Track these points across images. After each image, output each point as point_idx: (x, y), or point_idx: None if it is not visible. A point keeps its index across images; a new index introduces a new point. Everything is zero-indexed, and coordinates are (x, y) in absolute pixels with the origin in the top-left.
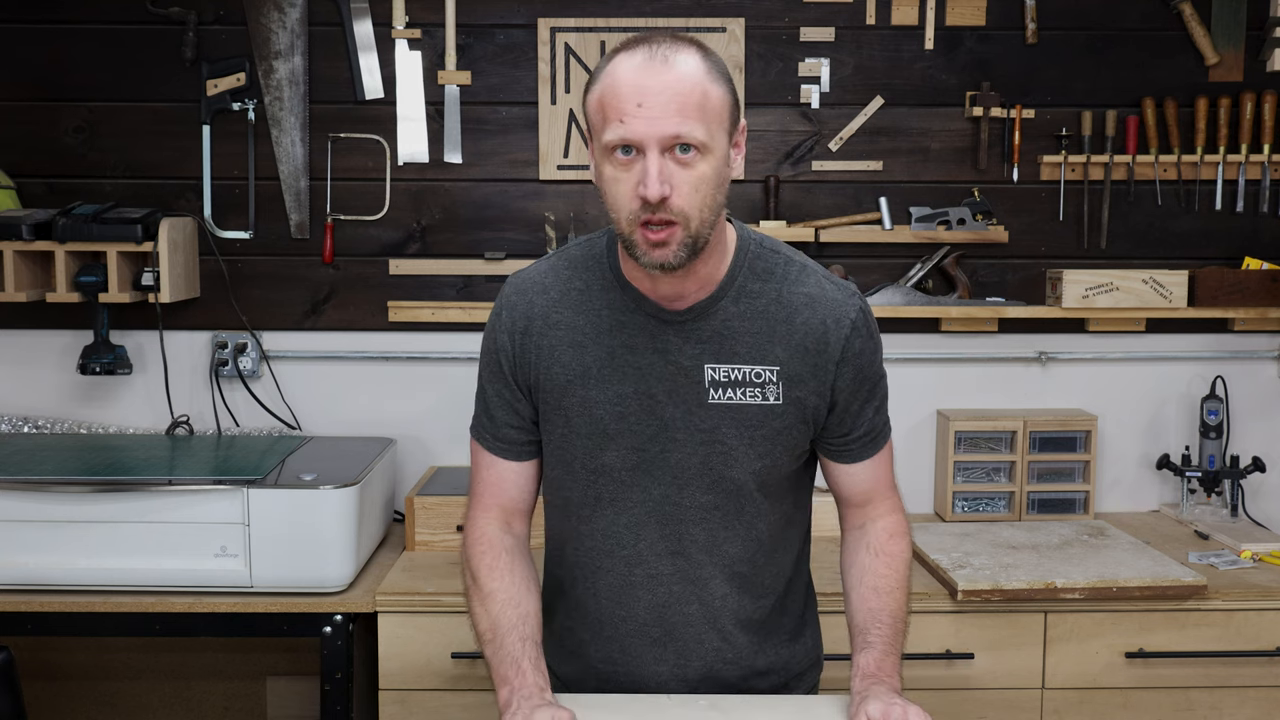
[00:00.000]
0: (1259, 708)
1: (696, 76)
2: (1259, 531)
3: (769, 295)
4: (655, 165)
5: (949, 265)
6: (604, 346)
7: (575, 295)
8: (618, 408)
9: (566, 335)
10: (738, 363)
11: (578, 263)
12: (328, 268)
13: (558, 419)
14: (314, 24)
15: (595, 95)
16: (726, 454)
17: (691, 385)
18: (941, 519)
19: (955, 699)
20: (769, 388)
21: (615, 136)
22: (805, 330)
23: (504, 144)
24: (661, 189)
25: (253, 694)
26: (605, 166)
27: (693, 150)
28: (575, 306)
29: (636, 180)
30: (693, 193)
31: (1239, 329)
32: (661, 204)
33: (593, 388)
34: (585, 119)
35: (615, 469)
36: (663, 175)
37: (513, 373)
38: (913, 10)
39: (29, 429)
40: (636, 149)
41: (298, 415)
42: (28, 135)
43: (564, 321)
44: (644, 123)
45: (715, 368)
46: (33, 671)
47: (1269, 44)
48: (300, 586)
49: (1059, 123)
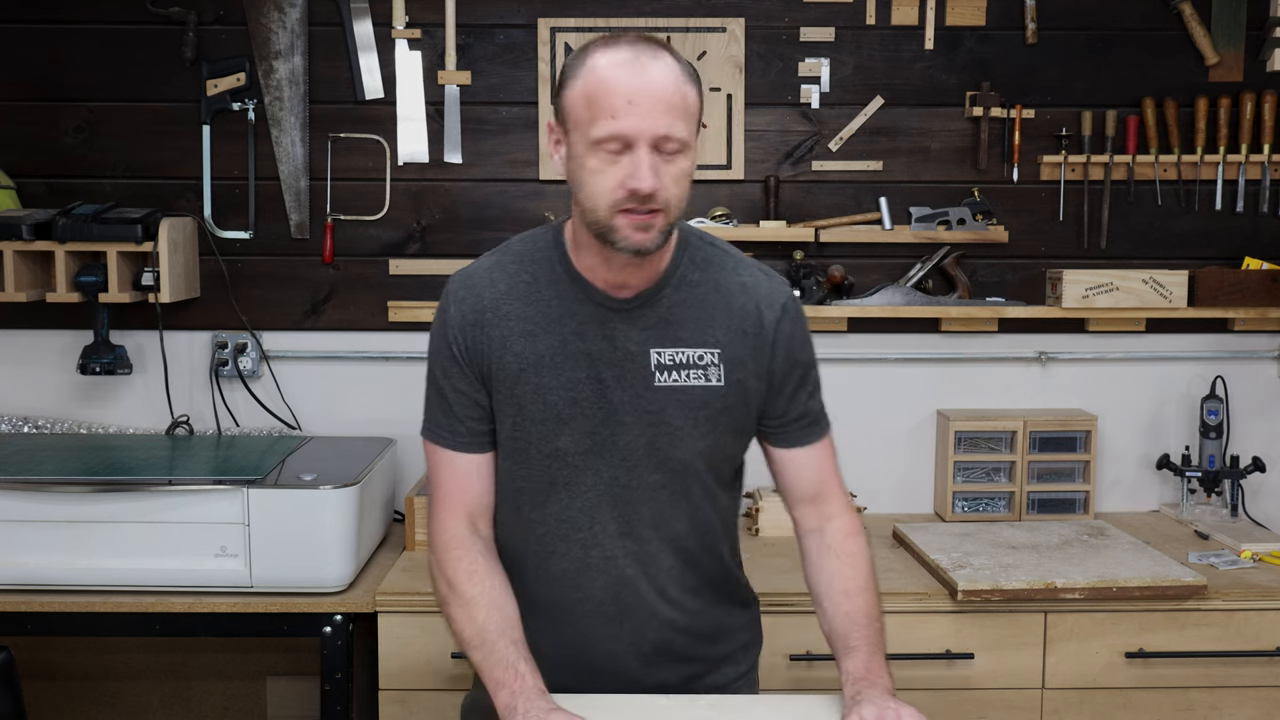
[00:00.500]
0: (1259, 708)
1: (678, 79)
2: (1259, 531)
3: (708, 284)
4: (647, 160)
5: (949, 265)
6: (555, 335)
7: (523, 287)
8: (570, 393)
9: (518, 325)
10: (681, 346)
11: (524, 257)
12: (328, 268)
13: (510, 408)
14: (314, 24)
15: (578, 90)
16: (672, 434)
17: (638, 369)
18: (941, 519)
19: (955, 699)
20: (711, 369)
21: (607, 132)
22: (742, 314)
23: (504, 144)
24: (654, 182)
25: (253, 694)
26: (589, 159)
27: (676, 147)
28: (524, 298)
29: (624, 173)
30: (674, 185)
31: (1239, 329)
32: (650, 196)
33: (546, 374)
34: (561, 108)
35: (569, 453)
36: (653, 170)
37: (468, 364)
38: (913, 10)
39: (29, 429)
40: (625, 144)
41: (298, 415)
42: (28, 135)
43: (514, 312)
44: (636, 120)
45: (661, 351)
46: (33, 671)
47: (1269, 44)
48: (300, 586)
49: (1059, 123)
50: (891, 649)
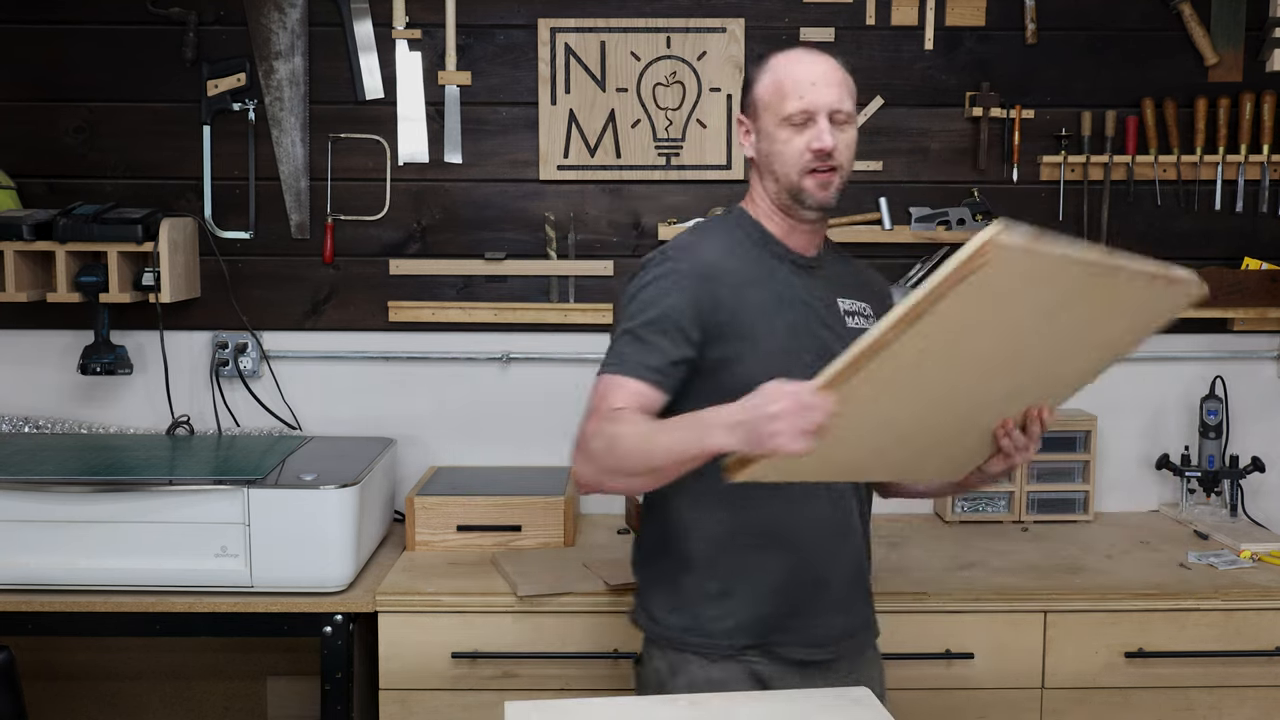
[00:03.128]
0: (1259, 708)
1: (841, 68)
2: (1258, 531)
3: (842, 258)
4: (827, 125)
5: None
6: (770, 286)
7: (729, 252)
8: (792, 334)
9: (739, 278)
10: (854, 298)
11: (720, 230)
12: (328, 268)
13: (747, 348)
14: (314, 24)
15: (768, 81)
16: None
17: (834, 313)
18: (941, 519)
19: (955, 699)
20: (871, 319)
21: (796, 107)
22: (870, 280)
23: (504, 144)
24: (833, 141)
25: (253, 694)
26: (780, 132)
27: (845, 119)
28: (736, 257)
29: (808, 139)
30: (846, 149)
31: (1239, 329)
32: (830, 154)
33: (775, 317)
34: (753, 103)
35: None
36: (831, 133)
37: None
38: (913, 10)
39: (29, 429)
40: (810, 117)
41: (298, 415)
42: (28, 135)
43: (733, 268)
44: (819, 95)
45: (844, 300)
46: (33, 671)
47: (1268, 44)
48: (300, 586)
49: (1059, 123)
50: (891, 649)
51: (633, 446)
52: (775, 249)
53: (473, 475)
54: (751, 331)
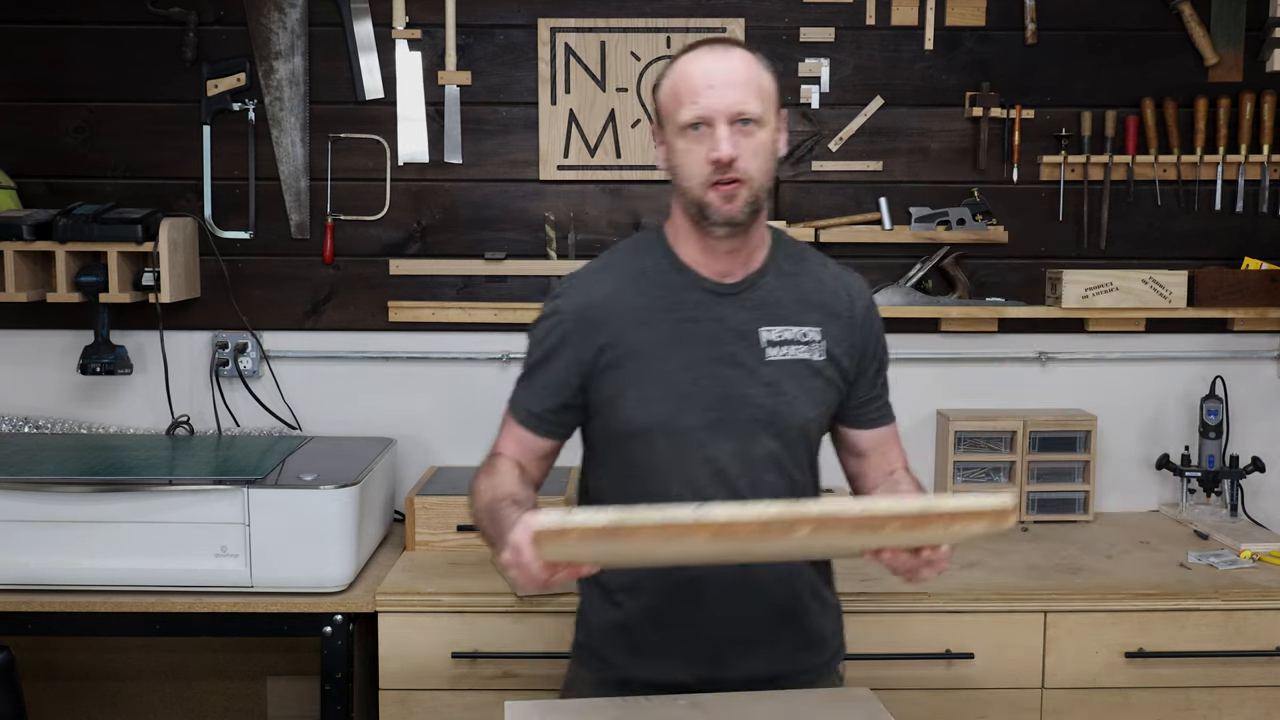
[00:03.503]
0: (1259, 708)
1: (751, 63)
2: (1259, 531)
3: (802, 274)
4: (725, 132)
5: (949, 265)
6: (669, 322)
7: (631, 284)
8: (689, 373)
9: (634, 315)
10: (787, 324)
11: (629, 256)
12: (328, 268)
13: (634, 392)
14: (314, 24)
15: (667, 86)
16: (790, 403)
17: (750, 346)
18: None
19: (955, 699)
20: (815, 345)
21: (690, 115)
22: (835, 299)
23: (504, 144)
24: (732, 150)
25: (253, 694)
26: (679, 142)
27: (752, 123)
28: (637, 291)
29: (708, 149)
30: (754, 157)
31: (1239, 329)
32: (730, 164)
33: (666, 358)
34: (655, 110)
35: (693, 429)
36: (731, 140)
37: (575, 350)
38: (913, 10)
39: (29, 429)
40: (706, 123)
41: (298, 415)
42: (28, 135)
43: (628, 303)
44: (714, 98)
45: (769, 329)
46: (33, 671)
47: (1269, 44)
48: (300, 586)
49: (1059, 123)
50: (891, 649)
51: (474, 507)
52: (687, 275)
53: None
54: (638, 374)
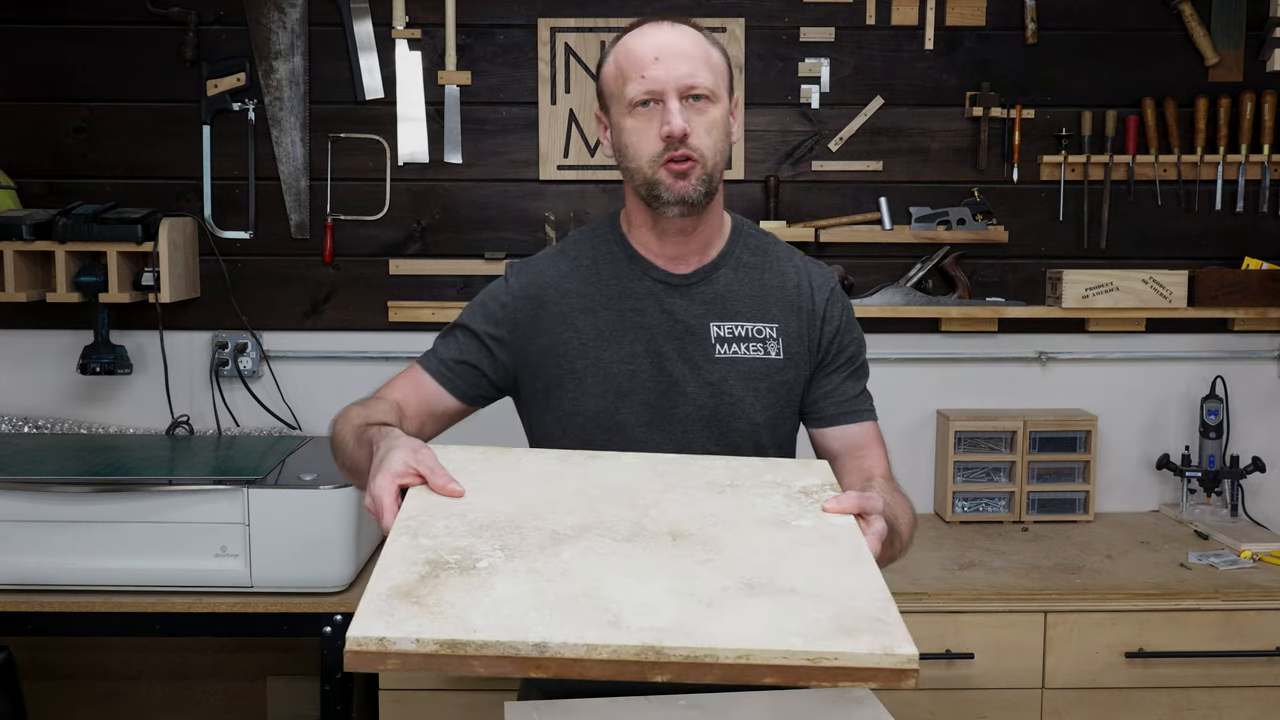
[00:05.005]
0: (1259, 708)
1: (697, 38)
2: (1259, 531)
3: (763, 266)
4: (676, 105)
5: (949, 265)
6: (614, 310)
7: (584, 269)
8: (629, 366)
9: (578, 302)
10: (741, 320)
11: (582, 243)
12: (328, 268)
13: (570, 382)
14: (314, 24)
15: (610, 65)
16: (734, 405)
17: (698, 342)
18: (941, 519)
19: (955, 699)
20: (770, 343)
21: (638, 90)
22: (797, 293)
23: (504, 144)
24: (683, 125)
25: (253, 694)
26: (627, 121)
27: (704, 98)
28: (585, 277)
29: (658, 126)
30: (706, 134)
31: (1239, 329)
32: (683, 140)
33: (606, 348)
34: (601, 93)
35: (629, 425)
36: (683, 115)
37: (510, 331)
38: (913, 10)
39: (29, 429)
40: (656, 99)
41: (298, 415)
42: (28, 135)
43: (575, 290)
44: (663, 71)
45: (720, 324)
46: (33, 671)
47: (1269, 44)
48: (300, 586)
49: (1059, 123)
50: None
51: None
52: (638, 264)
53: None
54: (574, 364)
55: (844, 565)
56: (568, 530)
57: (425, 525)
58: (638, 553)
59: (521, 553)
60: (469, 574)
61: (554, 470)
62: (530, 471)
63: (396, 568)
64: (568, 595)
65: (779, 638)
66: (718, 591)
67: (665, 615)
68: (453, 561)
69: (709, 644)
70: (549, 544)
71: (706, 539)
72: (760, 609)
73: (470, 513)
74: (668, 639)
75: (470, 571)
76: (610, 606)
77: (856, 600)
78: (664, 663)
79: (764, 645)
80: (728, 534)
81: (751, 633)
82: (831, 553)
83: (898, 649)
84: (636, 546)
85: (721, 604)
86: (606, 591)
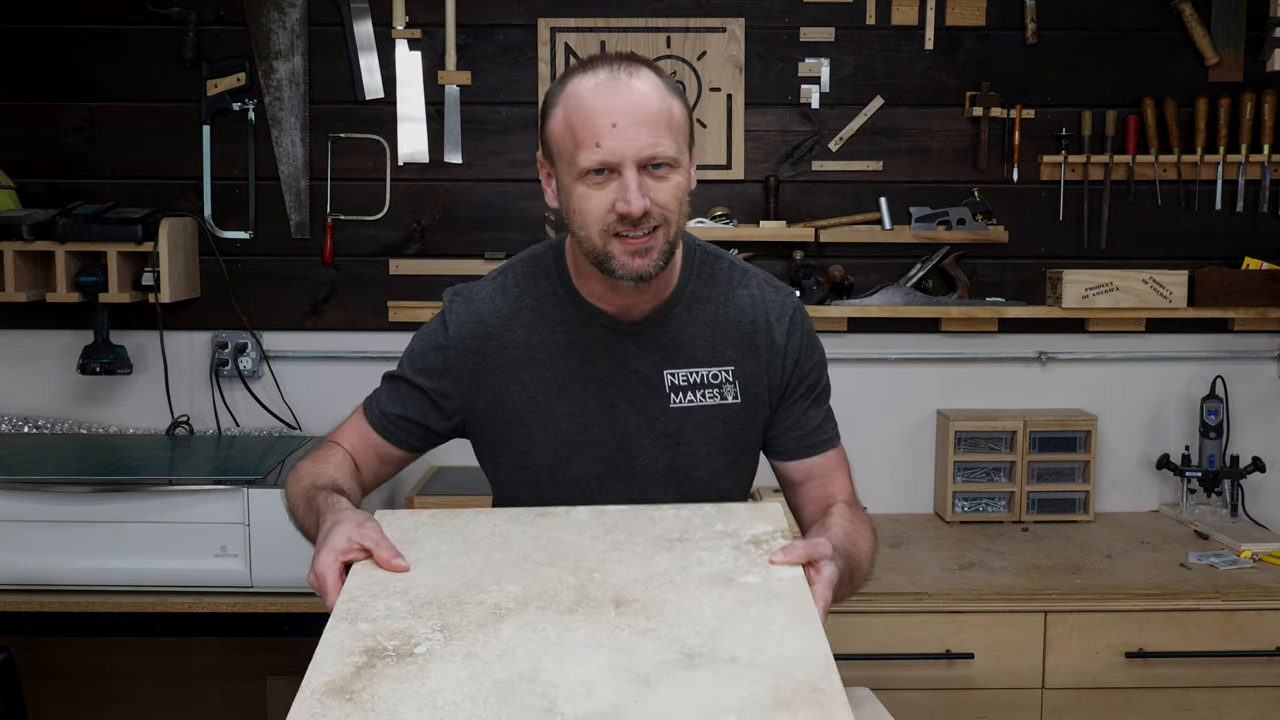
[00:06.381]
0: (1259, 708)
1: (660, 94)
2: (1259, 531)
3: (717, 300)
4: (634, 182)
5: (949, 265)
6: (563, 362)
7: (528, 313)
8: (580, 420)
9: (524, 354)
10: (695, 366)
11: (526, 280)
12: (328, 268)
13: (520, 437)
14: (314, 24)
15: (559, 119)
16: (691, 455)
17: (652, 392)
18: (941, 519)
19: (955, 699)
20: (727, 387)
21: (593, 161)
22: (753, 329)
23: (504, 144)
24: (644, 204)
25: (253, 694)
26: (577, 187)
27: (664, 166)
28: (529, 324)
29: (613, 197)
30: (672, 201)
31: (1239, 329)
32: (643, 217)
33: (556, 403)
34: (545, 142)
35: (583, 479)
36: (642, 190)
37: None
38: (913, 10)
39: (29, 429)
40: (612, 170)
41: (298, 415)
42: (28, 135)
43: (519, 340)
44: (621, 143)
45: (674, 372)
46: (33, 671)
47: (1269, 44)
48: (300, 586)
49: (1059, 123)
50: (891, 649)
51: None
52: (586, 309)
53: (473, 475)
54: (522, 418)
55: (788, 628)
56: (510, 603)
57: (365, 607)
58: (579, 624)
59: (460, 633)
60: (405, 662)
61: (502, 532)
62: (477, 536)
63: (331, 660)
64: (505, 680)
65: (714, 715)
66: (656, 665)
67: (601, 698)
68: (390, 649)
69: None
70: (489, 621)
71: (650, 604)
72: (699, 682)
73: (412, 589)
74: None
75: (407, 659)
76: (547, 692)
77: (798, 669)
78: None
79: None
80: (672, 596)
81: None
82: (777, 613)
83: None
84: (578, 618)
85: (659, 679)
86: (544, 675)
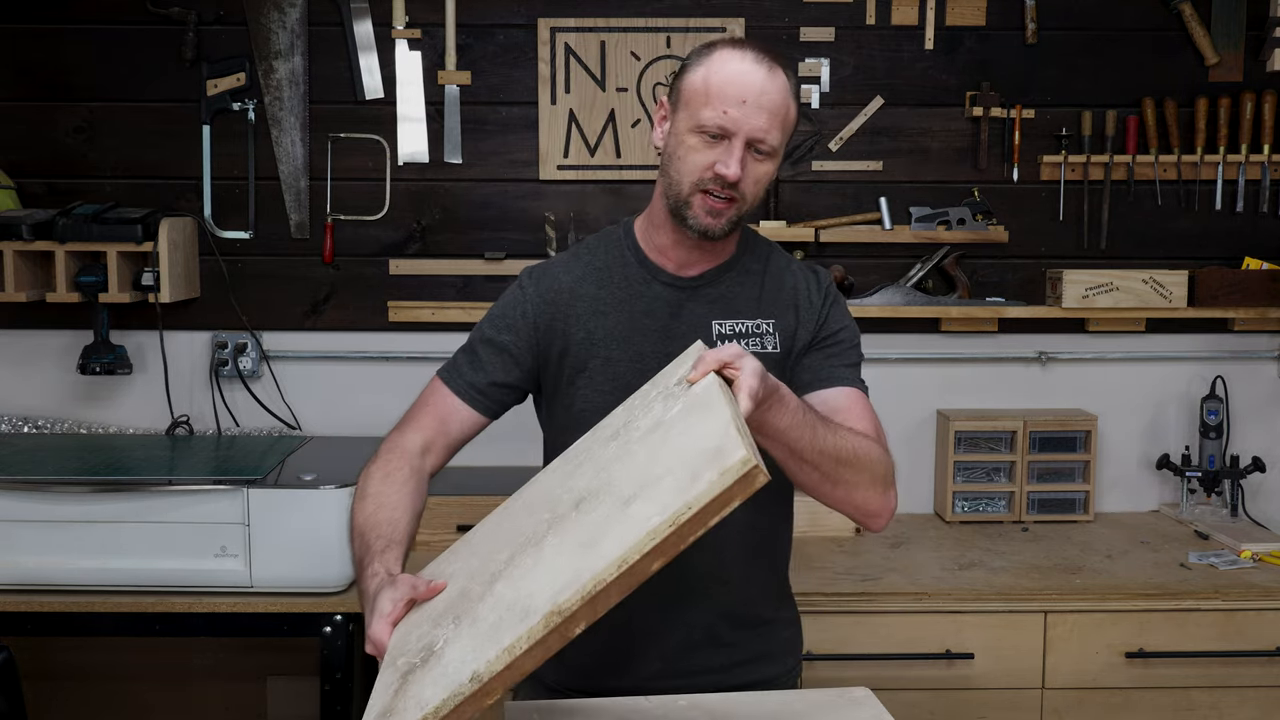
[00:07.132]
0: (1259, 708)
1: (785, 95)
2: (1259, 531)
3: (765, 272)
4: (739, 152)
5: (949, 265)
6: (624, 312)
7: (596, 274)
8: (638, 364)
9: (591, 305)
10: (741, 318)
11: (596, 248)
12: (328, 268)
13: (582, 381)
14: (314, 24)
15: (699, 75)
16: None
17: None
18: (941, 519)
19: (955, 699)
20: (768, 338)
21: (714, 121)
22: (793, 292)
23: (504, 144)
24: (739, 173)
25: (253, 694)
26: (689, 137)
27: (765, 153)
28: (597, 282)
29: (714, 158)
30: (754, 184)
31: (1239, 329)
32: (734, 184)
33: (615, 348)
34: (676, 88)
35: None
36: (742, 162)
37: (531, 334)
38: (913, 10)
39: (29, 429)
40: (725, 135)
41: (298, 415)
42: (28, 135)
43: (588, 294)
44: (742, 116)
45: (722, 322)
46: (33, 671)
47: (1269, 44)
48: (300, 586)
49: (1059, 123)
50: (891, 649)
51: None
52: (648, 269)
53: (472, 475)
54: (586, 362)
55: (697, 424)
56: (500, 566)
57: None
58: (551, 542)
59: (469, 613)
60: (431, 661)
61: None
62: (477, 540)
63: (378, 696)
64: (496, 623)
65: (643, 525)
66: (602, 525)
67: (561, 578)
68: (418, 661)
69: (593, 576)
70: (488, 588)
71: (601, 487)
72: (635, 513)
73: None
74: (563, 595)
75: (432, 658)
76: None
77: (703, 444)
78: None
79: (635, 541)
80: (618, 469)
81: (625, 540)
82: (694, 420)
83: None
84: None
85: (604, 533)
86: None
